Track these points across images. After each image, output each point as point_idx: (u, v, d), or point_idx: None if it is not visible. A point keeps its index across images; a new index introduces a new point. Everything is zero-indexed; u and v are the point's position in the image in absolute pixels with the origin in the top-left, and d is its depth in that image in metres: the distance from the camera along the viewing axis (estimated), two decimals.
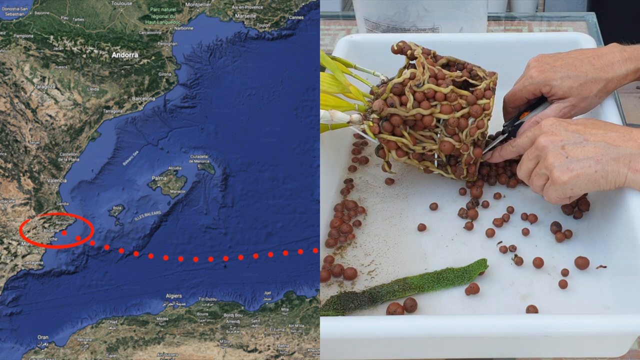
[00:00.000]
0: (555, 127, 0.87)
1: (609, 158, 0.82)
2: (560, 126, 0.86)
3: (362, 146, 1.13)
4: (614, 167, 0.82)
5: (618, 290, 0.83)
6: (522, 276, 0.87)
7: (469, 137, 0.95)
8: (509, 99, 1.02)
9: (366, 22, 1.39)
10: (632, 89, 1.66)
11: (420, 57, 0.95)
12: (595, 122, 0.87)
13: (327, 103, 0.98)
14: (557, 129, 0.86)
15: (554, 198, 0.87)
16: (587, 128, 0.85)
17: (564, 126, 0.86)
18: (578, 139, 0.84)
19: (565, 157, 0.84)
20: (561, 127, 0.86)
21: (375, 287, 0.86)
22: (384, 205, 1.00)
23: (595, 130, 0.85)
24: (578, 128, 0.86)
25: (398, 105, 0.93)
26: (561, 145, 0.85)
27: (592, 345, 0.78)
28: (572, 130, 0.85)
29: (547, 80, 0.97)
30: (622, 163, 0.82)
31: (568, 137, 0.85)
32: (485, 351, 0.79)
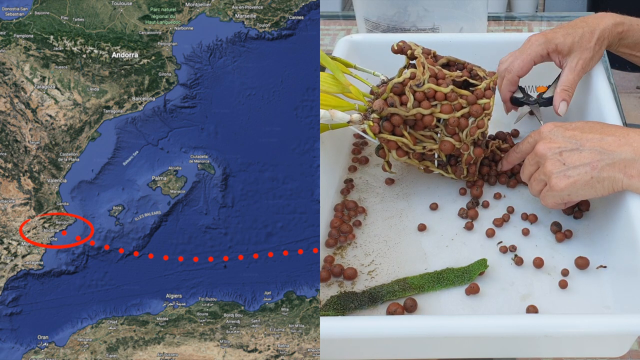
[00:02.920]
0: (554, 133, 0.88)
1: (604, 164, 0.83)
2: (558, 132, 0.88)
3: (362, 146, 1.13)
4: (609, 174, 0.83)
5: (618, 290, 0.83)
6: (522, 276, 0.87)
7: (469, 137, 0.95)
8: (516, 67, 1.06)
9: (366, 22, 1.39)
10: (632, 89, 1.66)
11: (420, 57, 0.95)
12: (592, 125, 0.88)
13: (327, 103, 0.98)
14: (555, 136, 0.88)
15: (550, 203, 0.89)
16: (583, 133, 0.86)
17: (561, 132, 0.87)
18: (575, 145, 0.85)
19: (562, 164, 0.85)
20: (559, 133, 0.88)
21: (375, 287, 0.86)
22: (384, 205, 1.00)
23: (592, 135, 0.86)
24: (575, 134, 0.87)
25: (398, 105, 0.93)
26: (559, 152, 0.86)
27: (592, 345, 0.78)
28: (569, 136, 0.87)
29: (552, 39, 1.05)
30: (618, 169, 0.83)
31: (565, 144, 0.86)
32: (485, 351, 0.79)
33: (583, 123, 0.89)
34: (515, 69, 1.06)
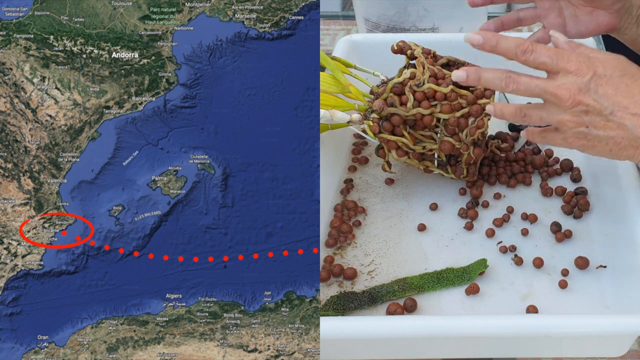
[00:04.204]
0: (586, 85, 0.76)
1: (628, 144, 0.77)
2: (592, 85, 0.76)
3: (362, 146, 1.13)
4: (629, 153, 0.78)
5: (618, 290, 0.83)
6: (522, 276, 0.87)
7: (469, 137, 0.95)
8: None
9: (366, 22, 1.39)
10: None
11: (420, 56, 0.95)
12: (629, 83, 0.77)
13: (327, 103, 0.98)
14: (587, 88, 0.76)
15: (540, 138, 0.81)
16: (617, 95, 0.76)
17: (594, 86, 0.76)
18: (604, 109, 0.76)
19: (585, 127, 0.77)
20: (592, 86, 0.76)
21: (375, 287, 0.86)
22: (384, 205, 1.00)
23: (626, 102, 0.76)
24: (608, 92, 0.76)
25: (398, 105, 0.93)
26: (585, 111, 0.77)
27: (592, 345, 0.78)
28: (601, 93, 0.76)
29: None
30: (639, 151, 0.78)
31: (594, 104, 0.76)
32: (485, 351, 0.79)
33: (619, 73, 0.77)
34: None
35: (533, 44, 0.78)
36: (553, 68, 0.77)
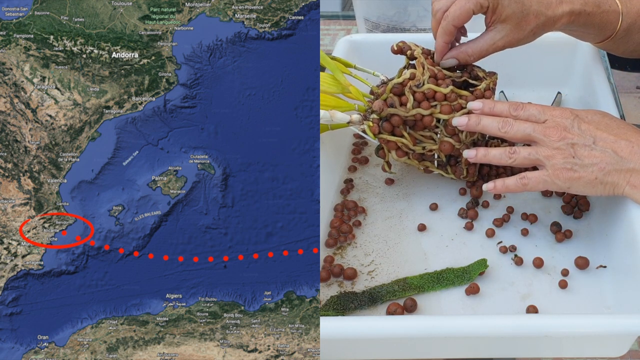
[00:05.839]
0: (571, 123, 0.86)
1: (612, 169, 0.83)
2: (576, 123, 0.86)
3: (362, 146, 1.13)
4: (614, 179, 0.83)
5: (618, 290, 0.83)
6: (522, 276, 0.87)
7: (468, 137, 0.95)
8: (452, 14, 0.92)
9: (366, 22, 1.39)
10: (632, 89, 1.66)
11: (420, 57, 0.95)
12: (608, 122, 0.87)
13: (327, 103, 0.98)
14: (572, 126, 0.86)
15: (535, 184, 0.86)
16: (598, 130, 0.85)
17: (578, 124, 0.86)
18: (588, 141, 0.84)
19: (572, 157, 0.84)
20: (576, 124, 0.86)
21: (375, 287, 0.86)
22: (384, 205, 1.00)
23: (606, 135, 0.85)
24: (590, 128, 0.85)
25: (398, 106, 0.93)
26: (571, 144, 0.85)
27: (592, 345, 0.78)
28: (584, 129, 0.85)
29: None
30: (623, 176, 0.83)
31: (579, 138, 0.85)
32: (485, 351, 0.79)
33: (599, 117, 0.88)
34: (451, 17, 0.92)
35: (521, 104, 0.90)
36: (541, 118, 0.87)
